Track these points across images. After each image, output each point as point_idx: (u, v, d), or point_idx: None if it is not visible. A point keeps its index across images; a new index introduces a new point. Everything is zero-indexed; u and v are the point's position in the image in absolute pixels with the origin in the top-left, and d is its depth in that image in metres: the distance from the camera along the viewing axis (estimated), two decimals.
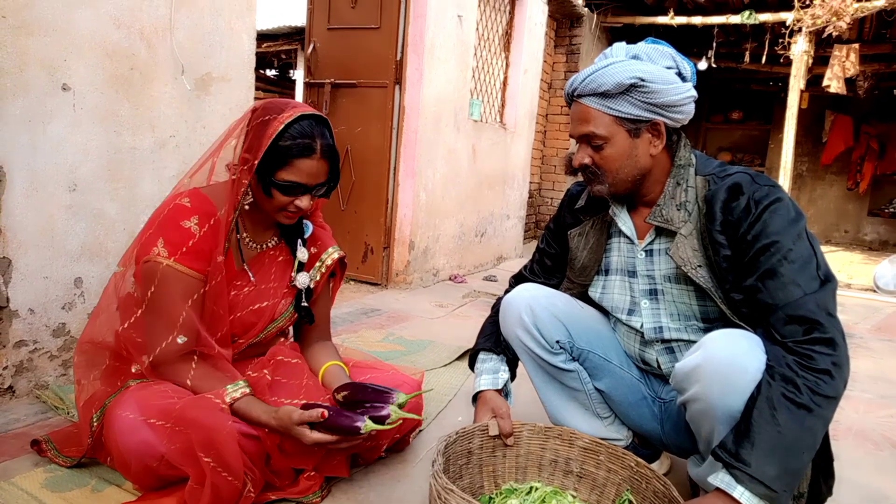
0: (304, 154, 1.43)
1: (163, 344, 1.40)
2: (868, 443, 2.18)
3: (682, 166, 1.45)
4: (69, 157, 1.99)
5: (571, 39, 7.13)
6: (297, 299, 1.63)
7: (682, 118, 1.43)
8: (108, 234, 2.13)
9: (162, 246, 1.41)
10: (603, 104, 1.39)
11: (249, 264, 1.58)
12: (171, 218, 1.43)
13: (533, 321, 1.55)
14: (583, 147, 1.46)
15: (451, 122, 4.37)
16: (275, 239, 1.64)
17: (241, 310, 1.54)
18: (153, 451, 1.30)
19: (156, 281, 1.40)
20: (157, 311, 1.41)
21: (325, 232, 1.73)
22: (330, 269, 1.70)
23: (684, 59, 1.44)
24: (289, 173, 1.43)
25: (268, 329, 1.60)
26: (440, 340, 2.95)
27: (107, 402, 1.43)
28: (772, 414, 1.13)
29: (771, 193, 1.30)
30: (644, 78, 1.35)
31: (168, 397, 1.36)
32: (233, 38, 2.49)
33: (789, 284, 1.22)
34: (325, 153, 1.47)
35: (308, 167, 1.44)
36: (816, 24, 5.94)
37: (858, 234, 10.16)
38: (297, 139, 1.42)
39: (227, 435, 1.29)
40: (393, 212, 4.12)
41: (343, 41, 4.08)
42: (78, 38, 1.96)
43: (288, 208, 1.49)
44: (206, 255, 1.44)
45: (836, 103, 9.17)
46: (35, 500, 1.36)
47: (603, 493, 1.47)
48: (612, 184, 1.45)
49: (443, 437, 1.38)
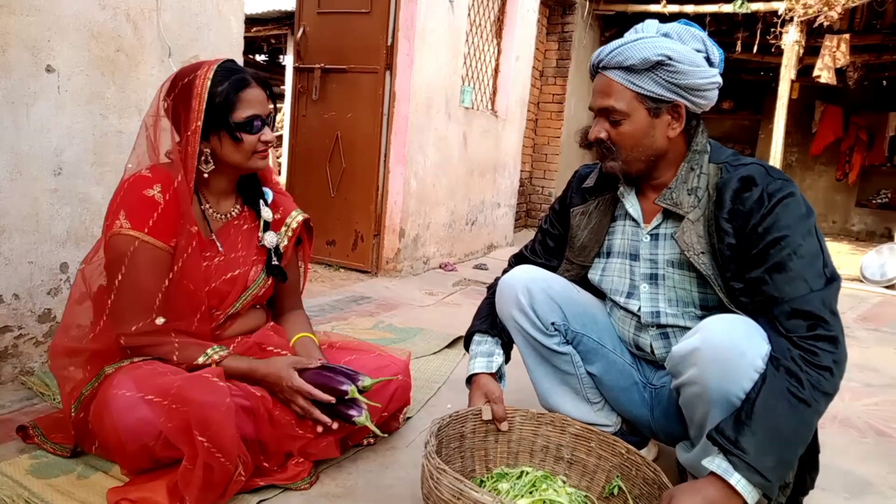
0: (244, 85, 1.47)
1: (140, 323, 1.40)
2: (852, 430, 2.21)
3: (699, 152, 1.44)
4: (54, 140, 1.96)
5: (564, 27, 7.10)
6: (267, 261, 1.63)
7: (704, 103, 1.42)
8: (95, 219, 2.10)
9: (124, 218, 1.40)
10: (626, 79, 1.38)
11: (217, 234, 1.57)
12: (133, 188, 1.43)
13: (529, 302, 1.55)
14: (600, 120, 1.45)
15: (442, 109, 4.34)
16: (237, 206, 1.64)
17: (214, 280, 1.53)
18: (151, 428, 1.29)
19: (126, 259, 1.39)
20: (130, 291, 1.40)
21: (285, 198, 1.74)
22: (296, 233, 1.70)
23: (714, 44, 1.42)
24: (242, 110, 1.46)
25: (242, 298, 1.59)
26: (430, 328, 2.95)
27: (83, 390, 1.42)
28: (774, 406, 1.15)
29: (784, 187, 1.30)
30: (671, 56, 1.33)
31: (164, 374, 1.35)
32: (221, 21, 2.45)
33: (797, 279, 1.23)
34: (258, 79, 1.52)
35: (254, 95, 1.49)
36: (808, 14, 5.94)
37: (846, 224, 10.24)
38: (230, 78, 1.46)
39: (226, 411, 1.29)
40: (383, 199, 4.10)
41: (333, 25, 4.04)
42: (62, 18, 1.93)
43: (257, 147, 1.51)
44: (172, 226, 1.43)
45: (826, 94, 9.20)
46: (20, 487, 1.34)
47: (593, 479, 1.48)
48: (626, 161, 1.44)
49: (436, 420, 1.38)
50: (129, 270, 1.39)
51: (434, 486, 1.16)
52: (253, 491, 1.42)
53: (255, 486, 1.42)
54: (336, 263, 4.24)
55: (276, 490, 1.45)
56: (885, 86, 8.65)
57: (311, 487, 1.48)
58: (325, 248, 4.23)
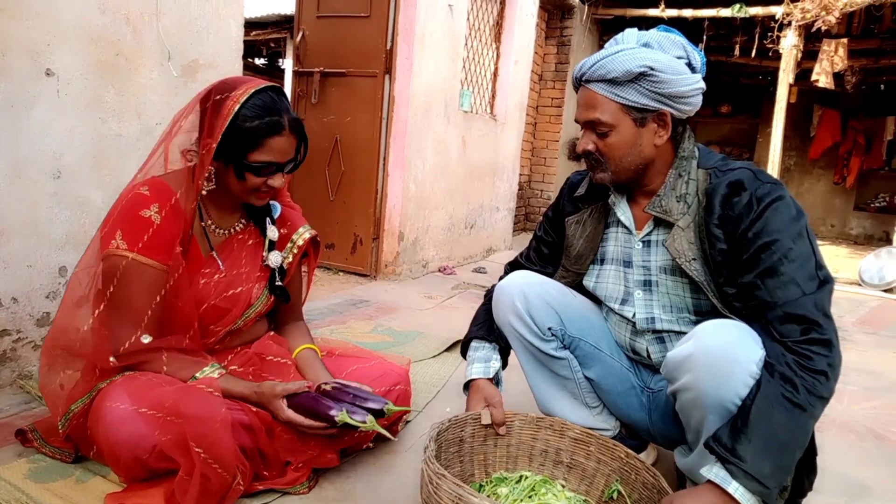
0: (275, 132, 1.41)
1: (126, 344, 1.38)
2: (851, 434, 2.21)
3: (686, 158, 1.44)
4: (53, 143, 1.96)
5: (562, 31, 7.12)
6: (270, 280, 1.61)
7: (689, 109, 1.42)
8: (94, 223, 2.10)
9: (121, 238, 1.37)
10: (610, 91, 1.38)
11: (217, 251, 1.54)
12: (130, 208, 1.40)
13: (526, 308, 1.55)
14: (587, 133, 1.45)
15: (441, 113, 4.35)
16: (242, 222, 1.61)
17: (213, 298, 1.50)
18: (145, 442, 1.27)
19: (118, 275, 1.37)
20: (120, 308, 1.38)
21: (294, 212, 1.70)
22: (302, 250, 1.68)
23: (695, 49, 1.42)
24: (261, 154, 1.41)
25: (245, 315, 1.58)
26: (429, 332, 2.94)
27: (72, 406, 1.40)
28: (769, 412, 1.14)
29: (773, 191, 1.30)
30: (654, 67, 1.33)
31: (159, 386, 1.34)
32: (220, 25, 2.46)
33: (789, 283, 1.23)
34: (294, 128, 1.44)
35: (279, 145, 1.42)
36: (806, 18, 5.96)
37: (844, 228, 10.25)
38: (264, 118, 1.39)
39: (222, 425, 1.28)
40: (382, 202, 4.10)
41: (332, 29, 4.04)
42: (62, 22, 1.93)
43: (261, 189, 1.46)
44: (168, 244, 1.40)
45: (824, 98, 9.24)
46: (18, 491, 1.34)
47: (592, 483, 1.48)
48: (615, 171, 1.44)
49: (435, 424, 1.38)
50: (119, 287, 1.37)
51: (433, 492, 1.16)
52: (252, 495, 1.41)
53: (254, 491, 1.42)
54: (335, 267, 4.24)
55: (276, 494, 1.44)
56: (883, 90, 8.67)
57: (310, 492, 1.48)
58: (324, 251, 4.22)
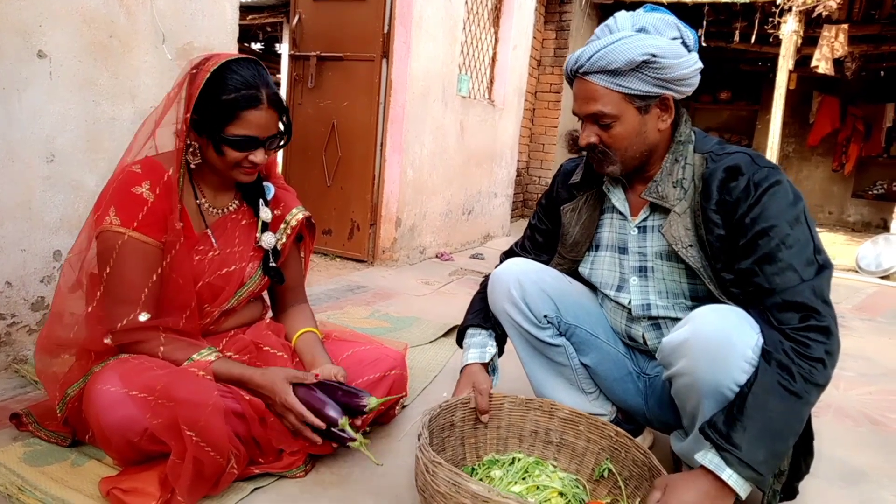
0: (251, 105, 1.39)
1: (124, 321, 1.37)
2: (847, 419, 2.22)
3: (682, 142, 1.42)
4: (46, 126, 1.94)
5: (561, 16, 7.06)
6: (264, 261, 1.61)
7: (688, 90, 1.40)
8: (88, 206, 2.07)
9: (114, 214, 1.37)
10: (612, 82, 1.35)
11: (212, 229, 1.54)
12: (122, 186, 1.40)
13: (521, 295, 1.55)
14: (589, 126, 1.42)
15: (438, 98, 4.32)
16: (235, 202, 1.61)
17: (207, 276, 1.51)
18: (136, 425, 1.27)
19: (114, 254, 1.37)
20: (116, 285, 1.38)
21: (287, 193, 1.70)
22: (296, 230, 1.67)
23: (686, 26, 1.40)
24: (238, 127, 1.40)
25: (238, 294, 1.57)
26: (426, 317, 2.94)
27: (69, 390, 1.41)
28: (765, 400, 1.14)
29: (771, 176, 1.28)
30: (656, 54, 1.31)
31: (151, 369, 1.33)
32: (215, 7, 2.43)
33: (787, 270, 1.22)
34: (272, 102, 1.43)
35: (257, 118, 1.41)
36: (806, 4, 5.92)
37: (842, 215, 10.25)
38: (241, 91, 1.38)
39: (214, 409, 1.27)
40: (379, 188, 4.08)
41: (329, 13, 4.00)
42: (54, 3, 1.90)
43: (242, 164, 1.46)
44: (162, 221, 1.40)
45: (823, 84, 9.19)
46: (13, 475, 1.34)
47: (582, 462, 1.49)
48: (623, 161, 1.42)
49: (427, 411, 1.38)
50: (116, 265, 1.37)
51: (430, 479, 1.15)
52: (248, 479, 1.42)
53: (250, 474, 1.42)
54: (332, 253, 4.23)
55: (272, 478, 1.45)
56: (883, 76, 8.64)
57: (306, 475, 1.48)
58: (321, 237, 4.21)
